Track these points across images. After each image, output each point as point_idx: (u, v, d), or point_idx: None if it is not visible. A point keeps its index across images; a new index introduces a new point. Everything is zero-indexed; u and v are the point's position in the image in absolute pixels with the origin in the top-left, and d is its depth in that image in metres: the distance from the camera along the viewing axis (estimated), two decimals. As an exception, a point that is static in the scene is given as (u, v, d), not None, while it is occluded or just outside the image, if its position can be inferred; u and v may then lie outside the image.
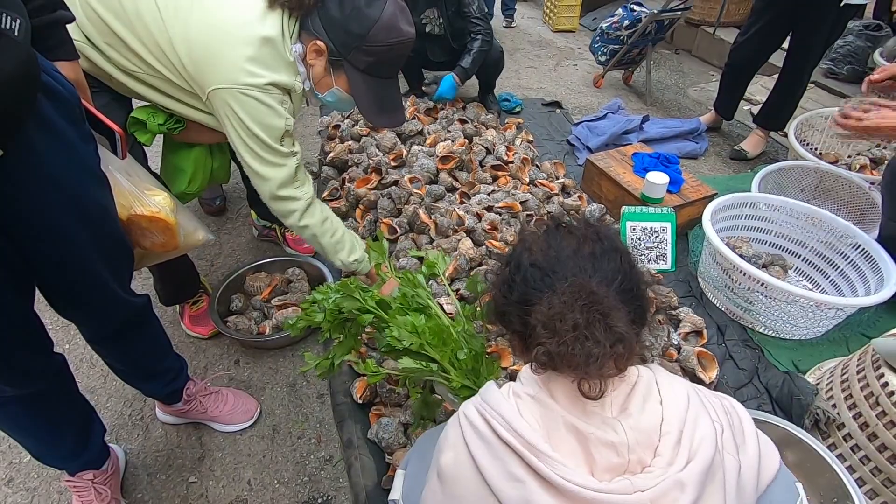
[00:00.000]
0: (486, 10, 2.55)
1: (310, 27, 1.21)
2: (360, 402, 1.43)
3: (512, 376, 1.42)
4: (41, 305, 0.95)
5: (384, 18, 1.18)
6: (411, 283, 1.18)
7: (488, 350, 1.46)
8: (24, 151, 0.74)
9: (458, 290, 1.66)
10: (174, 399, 1.36)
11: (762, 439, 0.67)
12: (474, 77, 2.70)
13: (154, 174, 1.29)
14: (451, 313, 1.43)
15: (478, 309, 1.16)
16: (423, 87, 3.00)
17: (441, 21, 2.54)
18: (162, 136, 1.39)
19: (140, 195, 1.02)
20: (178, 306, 1.75)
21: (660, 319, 1.63)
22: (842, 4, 2.09)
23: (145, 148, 1.38)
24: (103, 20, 1.14)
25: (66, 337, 1.70)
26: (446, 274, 1.63)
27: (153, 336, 1.22)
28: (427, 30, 2.55)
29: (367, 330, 1.17)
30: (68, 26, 0.89)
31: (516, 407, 0.61)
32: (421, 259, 1.71)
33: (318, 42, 1.21)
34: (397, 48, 1.24)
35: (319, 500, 1.31)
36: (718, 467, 0.57)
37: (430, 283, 1.54)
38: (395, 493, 0.82)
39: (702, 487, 0.54)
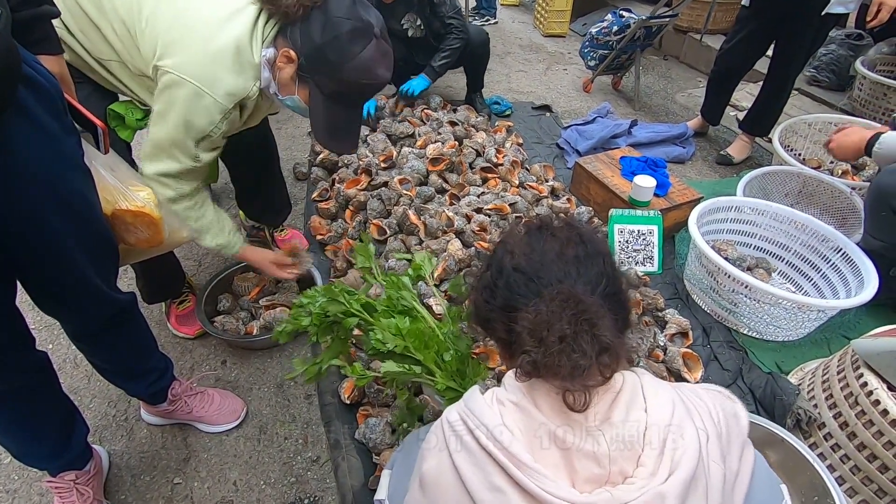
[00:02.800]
0: (459, 7, 2.59)
1: (287, 36, 1.20)
2: (348, 402, 1.43)
3: (499, 377, 1.42)
4: (24, 304, 0.94)
5: (362, 58, 1.17)
6: (395, 285, 1.18)
7: (476, 351, 1.47)
8: (4, 143, 0.74)
9: (446, 292, 1.66)
10: (159, 399, 1.35)
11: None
12: (462, 77, 2.71)
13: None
14: (440, 314, 1.43)
15: (463, 310, 1.17)
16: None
17: (420, 24, 2.55)
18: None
19: (125, 190, 1.01)
20: (164, 306, 1.74)
21: (646, 321, 1.64)
22: (823, 13, 2.13)
23: (131, 144, 1.37)
24: (78, 3, 1.14)
25: (49, 337, 1.68)
26: (435, 275, 1.63)
27: (138, 334, 1.20)
28: (410, 34, 2.56)
29: (356, 332, 1.17)
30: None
31: (499, 415, 0.60)
32: (409, 261, 1.71)
33: (292, 52, 1.20)
34: (366, 88, 1.24)
35: (306, 501, 1.30)
36: (701, 477, 0.56)
37: (418, 284, 1.55)
38: (381, 492, 0.82)
39: (683, 499, 0.54)
